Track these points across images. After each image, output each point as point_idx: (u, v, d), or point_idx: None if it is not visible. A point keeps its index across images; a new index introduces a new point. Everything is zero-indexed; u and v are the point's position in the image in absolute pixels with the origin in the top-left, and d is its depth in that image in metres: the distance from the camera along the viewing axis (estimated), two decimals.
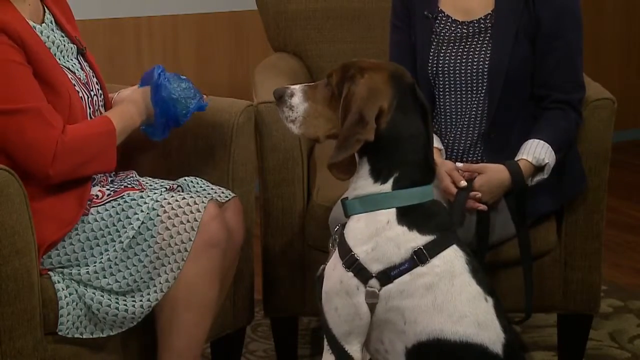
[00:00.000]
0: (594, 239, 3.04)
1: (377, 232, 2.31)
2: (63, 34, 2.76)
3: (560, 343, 3.20)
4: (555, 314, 3.20)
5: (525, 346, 3.41)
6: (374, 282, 2.31)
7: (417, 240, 2.30)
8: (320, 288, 2.40)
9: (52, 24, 2.74)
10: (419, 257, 2.29)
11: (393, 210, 2.31)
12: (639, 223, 4.61)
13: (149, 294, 2.56)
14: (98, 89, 2.77)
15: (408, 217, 2.31)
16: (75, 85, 2.66)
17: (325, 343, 2.40)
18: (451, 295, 2.28)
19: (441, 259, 2.30)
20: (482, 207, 2.77)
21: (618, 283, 3.90)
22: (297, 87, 2.41)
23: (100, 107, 2.77)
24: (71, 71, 2.69)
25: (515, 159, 2.82)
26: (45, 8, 2.75)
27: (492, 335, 2.29)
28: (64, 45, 2.72)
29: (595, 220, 3.03)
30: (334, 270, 2.36)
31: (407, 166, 2.31)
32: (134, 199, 2.60)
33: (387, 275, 2.30)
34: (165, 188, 2.77)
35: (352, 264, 2.31)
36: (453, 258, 2.31)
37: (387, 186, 2.32)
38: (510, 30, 2.87)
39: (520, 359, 2.37)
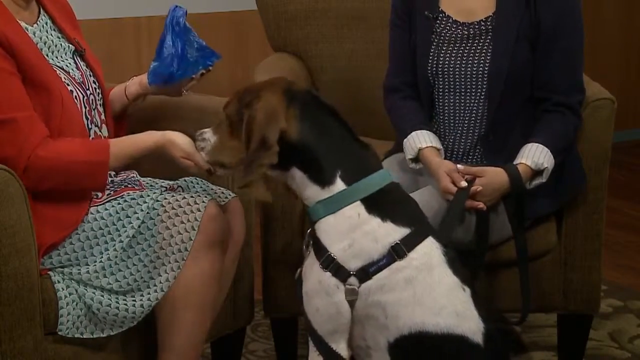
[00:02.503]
0: (594, 239, 3.04)
1: (351, 228, 2.32)
2: (60, 35, 2.76)
3: (560, 343, 3.20)
4: (555, 314, 3.20)
5: (525, 346, 3.41)
6: (352, 280, 2.32)
7: (394, 234, 2.31)
8: (300, 290, 2.41)
9: (47, 24, 2.74)
10: (397, 252, 2.30)
11: (358, 203, 2.33)
12: (639, 223, 4.61)
13: (149, 293, 2.56)
14: (95, 89, 2.77)
15: (376, 205, 2.33)
16: (68, 84, 2.66)
17: (311, 344, 2.41)
18: (430, 287, 2.30)
19: (418, 252, 2.32)
20: (481, 205, 2.77)
21: (618, 283, 3.90)
22: (212, 126, 2.50)
23: (98, 107, 2.77)
24: (65, 71, 2.68)
25: (514, 162, 2.82)
26: (42, 9, 2.76)
27: (472, 325, 2.31)
28: (59, 45, 2.72)
29: (595, 220, 3.02)
30: (311, 271, 2.37)
31: (345, 162, 2.34)
32: (134, 198, 2.60)
33: (366, 272, 2.31)
34: (165, 188, 2.77)
35: (330, 263, 2.33)
36: (430, 250, 2.33)
37: (339, 185, 2.34)
38: (511, 32, 2.86)
39: (501, 347, 2.38)
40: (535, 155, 2.81)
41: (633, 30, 5.83)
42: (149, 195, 2.60)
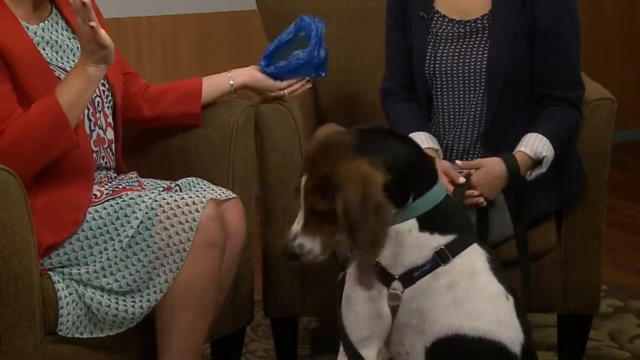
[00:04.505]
0: (594, 239, 3.04)
1: (399, 239, 2.31)
2: (71, 36, 2.75)
3: (560, 343, 3.20)
4: (555, 314, 3.20)
5: None
6: (396, 284, 2.31)
7: (439, 240, 2.31)
8: (340, 293, 2.40)
9: (57, 24, 2.73)
10: (441, 257, 2.30)
11: (413, 220, 2.31)
12: (639, 223, 4.61)
13: (148, 294, 2.56)
14: (104, 90, 2.75)
15: (428, 223, 2.31)
16: None
17: (341, 348, 2.40)
18: (472, 292, 2.29)
19: (462, 258, 2.31)
20: (482, 201, 2.77)
21: (618, 283, 3.90)
22: (294, 229, 2.31)
23: (105, 109, 2.75)
24: (67, 72, 2.66)
25: (513, 152, 2.83)
26: (54, 8, 2.74)
27: (511, 334, 2.29)
28: (66, 46, 2.71)
29: (595, 220, 3.02)
30: (355, 275, 2.36)
31: (419, 184, 2.31)
32: (132, 198, 2.59)
33: (410, 277, 2.30)
34: (163, 187, 2.77)
35: (374, 267, 2.32)
36: (474, 256, 2.32)
37: (408, 204, 2.31)
38: (507, 30, 2.87)
39: None
40: (534, 144, 2.82)
41: (634, 31, 5.83)
42: (147, 195, 2.59)
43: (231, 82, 2.95)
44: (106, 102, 2.76)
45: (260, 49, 4.58)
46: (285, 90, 2.98)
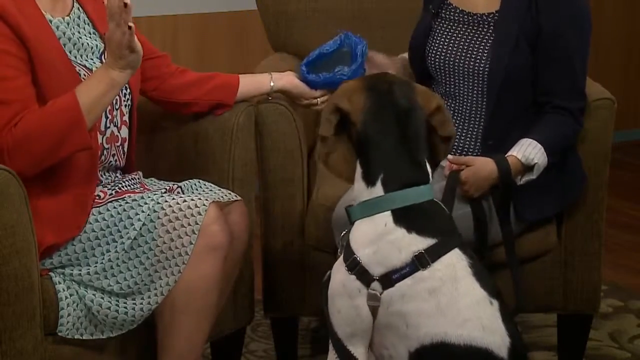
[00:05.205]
0: (594, 239, 3.04)
1: (378, 236, 2.33)
2: (92, 31, 2.74)
3: (560, 343, 3.20)
4: (555, 314, 3.20)
5: (526, 346, 3.41)
6: (376, 285, 2.33)
7: (418, 243, 2.31)
8: (326, 292, 2.42)
9: (78, 19, 2.72)
10: (420, 261, 2.30)
11: (388, 213, 2.33)
12: (639, 223, 4.61)
13: (149, 297, 2.56)
14: (121, 89, 2.70)
15: (405, 218, 2.33)
16: None
17: (330, 345, 2.43)
18: (455, 299, 2.30)
19: (443, 263, 2.31)
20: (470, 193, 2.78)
21: (618, 283, 3.90)
22: None
23: (122, 107, 2.74)
24: (87, 68, 2.66)
25: (506, 155, 2.83)
26: (77, 3, 2.73)
27: (497, 339, 2.30)
28: (87, 44, 2.69)
29: (595, 220, 3.03)
30: (337, 273, 2.39)
31: (389, 167, 2.36)
32: (135, 200, 2.59)
33: (389, 278, 2.31)
34: (165, 189, 2.76)
35: (355, 266, 2.34)
36: (455, 262, 2.33)
37: (378, 189, 2.36)
38: (511, 32, 2.87)
39: None
40: (527, 150, 2.82)
41: (634, 30, 5.82)
42: (149, 198, 2.59)
43: (272, 83, 2.98)
44: (124, 101, 2.75)
45: (260, 49, 4.60)
46: (318, 99, 3.00)
